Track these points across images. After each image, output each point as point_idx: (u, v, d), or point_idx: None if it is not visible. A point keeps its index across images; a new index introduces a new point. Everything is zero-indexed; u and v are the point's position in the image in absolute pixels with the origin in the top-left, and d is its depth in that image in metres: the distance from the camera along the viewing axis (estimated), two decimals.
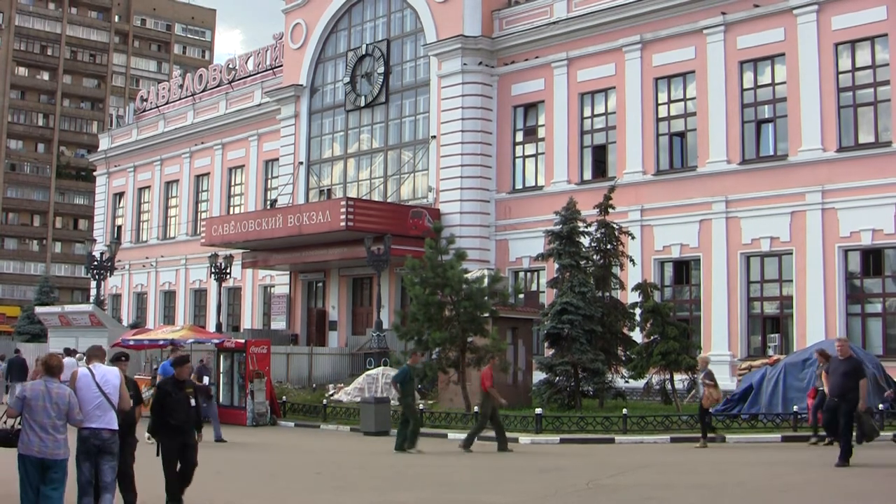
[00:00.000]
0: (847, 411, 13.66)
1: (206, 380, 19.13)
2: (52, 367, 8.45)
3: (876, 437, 14.02)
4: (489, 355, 19.67)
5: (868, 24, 25.56)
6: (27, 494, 8.18)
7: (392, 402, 22.11)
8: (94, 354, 9.37)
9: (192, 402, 10.50)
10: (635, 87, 30.16)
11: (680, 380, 23.33)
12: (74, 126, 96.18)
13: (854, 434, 13.91)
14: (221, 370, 24.38)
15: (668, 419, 19.54)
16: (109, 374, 9.03)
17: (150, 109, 52.66)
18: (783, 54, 27.20)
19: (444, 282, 21.88)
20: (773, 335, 26.74)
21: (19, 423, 8.26)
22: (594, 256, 24.72)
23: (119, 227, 52.82)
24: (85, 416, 8.66)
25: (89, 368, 9.05)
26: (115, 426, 8.89)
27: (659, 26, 29.75)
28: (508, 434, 19.14)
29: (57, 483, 8.26)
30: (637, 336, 24.59)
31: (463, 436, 19.26)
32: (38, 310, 36.84)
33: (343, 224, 31.90)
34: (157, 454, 10.42)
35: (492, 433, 17.89)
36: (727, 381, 25.53)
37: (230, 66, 47.48)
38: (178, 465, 10.39)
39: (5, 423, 8.47)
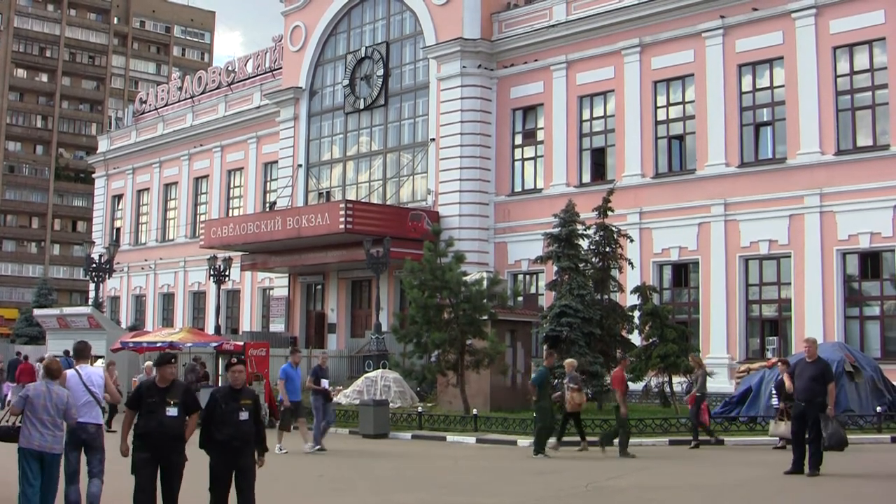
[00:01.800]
0: (816, 417, 13.14)
1: (324, 383, 18.11)
2: (51, 371, 9.37)
3: (845, 447, 13.30)
4: (610, 362, 19.02)
5: (866, 27, 25.62)
6: (26, 485, 9.01)
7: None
8: (82, 354, 10.17)
9: (246, 415, 8.76)
10: (634, 90, 30.21)
11: (679, 382, 23.32)
12: (73, 128, 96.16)
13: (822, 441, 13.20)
14: (220, 373, 24.40)
15: (666, 421, 19.57)
16: (94, 375, 10.01)
17: (149, 111, 52.69)
18: (782, 58, 27.26)
19: (443, 284, 21.90)
20: (771, 338, 26.77)
21: (20, 421, 9.10)
22: (593, 259, 24.74)
23: (118, 230, 52.80)
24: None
25: (76, 370, 9.93)
26: (101, 421, 9.94)
27: (658, 29, 29.81)
28: (507, 436, 19.20)
29: (53, 474, 9.20)
30: (636, 339, 24.61)
31: (460, 438, 19.27)
32: (37, 312, 36.80)
33: (342, 226, 31.92)
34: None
35: (497, 436, 17.89)
36: (726, 384, 25.58)
37: (229, 68, 47.52)
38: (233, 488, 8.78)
39: (8, 420, 9.27)
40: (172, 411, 8.71)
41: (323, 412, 17.77)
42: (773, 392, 18.03)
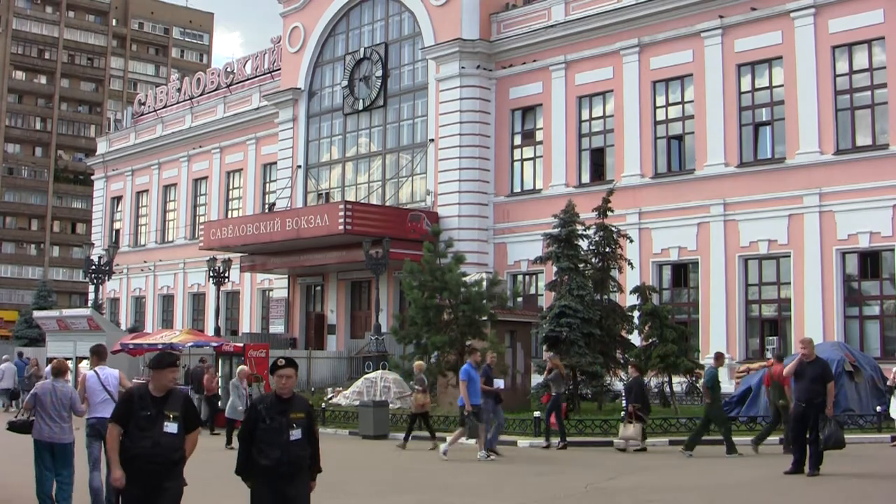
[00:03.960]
0: (816, 417, 13.04)
1: (499, 383, 17.02)
2: (57, 370, 10.49)
3: (839, 447, 13.16)
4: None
5: (865, 27, 25.62)
6: (41, 471, 10.09)
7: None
8: (102, 355, 11.07)
9: (298, 433, 6.82)
10: (633, 90, 30.21)
11: (678, 382, 23.37)
12: (72, 130, 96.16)
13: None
14: (220, 374, 24.42)
15: (666, 422, 19.56)
16: (111, 377, 10.85)
17: (148, 113, 52.69)
18: (780, 57, 27.26)
19: (442, 285, 21.89)
20: (771, 338, 26.76)
21: (33, 415, 10.17)
22: (592, 259, 24.72)
23: (117, 231, 52.79)
24: (93, 408, 10.54)
25: (95, 371, 10.82)
26: None
27: (656, 30, 29.81)
28: (506, 437, 19.17)
29: (67, 463, 10.14)
30: (635, 339, 24.61)
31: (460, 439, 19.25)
32: (37, 314, 36.80)
33: (341, 227, 31.92)
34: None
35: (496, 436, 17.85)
36: (725, 384, 25.54)
37: (228, 69, 47.52)
38: None
39: (23, 415, 10.50)
40: (172, 427, 7.01)
41: (493, 415, 16.69)
42: (622, 394, 18.11)
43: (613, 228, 25.07)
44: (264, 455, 6.70)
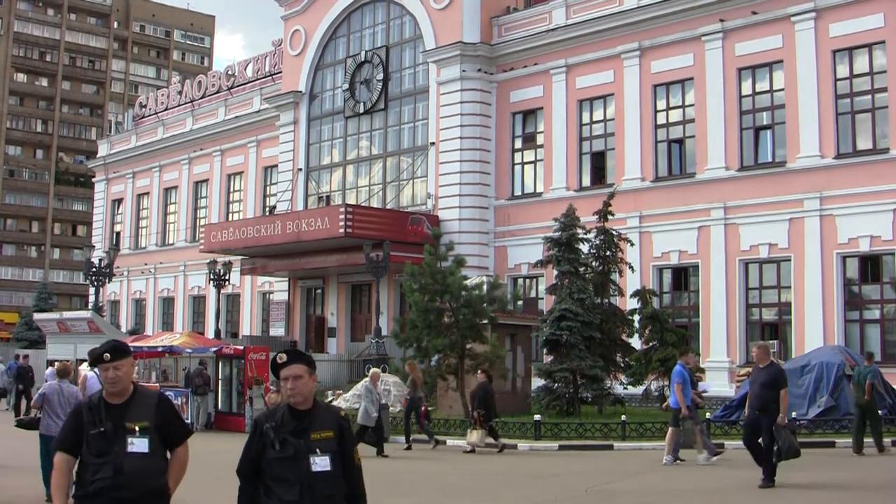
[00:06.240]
0: (769, 426, 12.49)
1: (703, 386, 16.09)
2: (62, 371, 11.44)
3: (796, 457, 12.73)
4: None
5: (866, 31, 25.65)
6: (46, 460, 10.65)
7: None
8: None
9: (325, 461, 4.62)
10: (634, 93, 30.23)
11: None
12: (73, 132, 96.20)
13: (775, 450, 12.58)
14: (220, 377, 24.43)
15: (666, 425, 19.51)
16: None
17: (149, 116, 52.72)
18: (781, 61, 27.28)
19: (443, 288, 21.88)
20: (771, 341, 26.72)
21: (40, 413, 11.22)
22: (593, 263, 24.69)
23: (118, 234, 52.80)
24: None
25: (95, 371, 11.27)
26: None
27: (657, 33, 29.83)
28: (507, 440, 19.16)
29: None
30: (636, 342, 24.60)
31: (460, 442, 19.27)
32: (37, 316, 36.79)
33: (342, 230, 31.92)
34: None
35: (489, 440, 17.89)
36: (725, 388, 25.56)
37: (229, 72, 47.57)
38: None
39: (31, 413, 11.96)
40: (138, 445, 4.81)
41: (692, 417, 15.91)
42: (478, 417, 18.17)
43: (614, 232, 25.06)
44: (275, 497, 4.60)
